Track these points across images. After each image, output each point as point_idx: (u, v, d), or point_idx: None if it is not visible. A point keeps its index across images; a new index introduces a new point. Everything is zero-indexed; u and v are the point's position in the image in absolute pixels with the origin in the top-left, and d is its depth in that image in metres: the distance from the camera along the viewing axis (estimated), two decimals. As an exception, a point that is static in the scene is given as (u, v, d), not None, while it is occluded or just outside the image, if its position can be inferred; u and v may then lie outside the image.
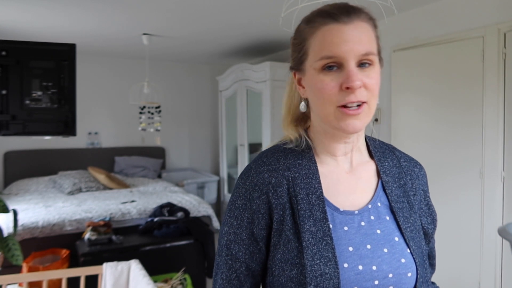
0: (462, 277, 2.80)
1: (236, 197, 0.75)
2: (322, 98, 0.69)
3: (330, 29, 0.68)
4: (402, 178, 0.80)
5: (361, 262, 0.68)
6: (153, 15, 3.32)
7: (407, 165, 0.83)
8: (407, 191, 0.79)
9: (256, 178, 0.73)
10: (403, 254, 0.72)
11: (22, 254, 2.01)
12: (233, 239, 0.74)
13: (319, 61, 0.68)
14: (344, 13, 0.68)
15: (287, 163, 0.75)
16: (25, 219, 3.09)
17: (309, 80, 0.72)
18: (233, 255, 0.74)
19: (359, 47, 0.67)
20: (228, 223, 0.75)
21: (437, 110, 2.96)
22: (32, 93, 1.83)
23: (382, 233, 0.73)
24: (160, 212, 3.36)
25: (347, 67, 0.67)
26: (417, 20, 3.07)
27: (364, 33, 0.69)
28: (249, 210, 0.73)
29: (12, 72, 1.80)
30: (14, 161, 4.63)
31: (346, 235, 0.70)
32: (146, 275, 1.90)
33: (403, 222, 0.75)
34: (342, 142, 0.76)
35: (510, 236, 1.84)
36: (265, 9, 3.12)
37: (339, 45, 0.67)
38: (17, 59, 1.81)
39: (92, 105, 5.05)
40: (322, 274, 0.65)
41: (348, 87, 0.66)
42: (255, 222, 0.72)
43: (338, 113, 0.69)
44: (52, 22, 3.44)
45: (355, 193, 0.76)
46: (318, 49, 0.69)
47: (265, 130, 4.22)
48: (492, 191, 2.63)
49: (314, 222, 0.70)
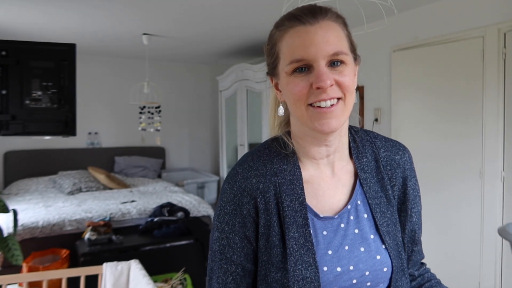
0: (462, 277, 2.80)
1: (224, 202, 0.75)
2: (294, 99, 0.70)
3: (296, 31, 0.68)
4: (380, 172, 0.81)
5: (339, 264, 0.72)
6: (153, 15, 3.31)
7: (387, 154, 0.82)
8: (385, 185, 0.80)
9: (244, 183, 0.73)
10: (378, 251, 0.75)
11: (22, 254, 2.00)
12: (226, 243, 0.74)
13: (289, 65, 0.69)
14: (309, 15, 0.68)
15: (274, 168, 0.75)
16: (25, 219, 3.09)
17: (283, 83, 0.73)
18: (228, 259, 0.75)
19: (327, 47, 0.67)
20: (219, 228, 0.75)
21: (437, 109, 2.96)
22: (32, 93, 1.83)
23: (359, 232, 0.75)
24: (160, 212, 3.36)
25: (316, 67, 0.67)
26: (417, 20, 3.07)
27: (331, 32, 0.68)
28: (239, 215, 0.73)
29: (12, 72, 1.80)
30: (14, 161, 4.63)
31: (325, 239, 0.73)
32: (146, 275, 1.89)
33: (379, 218, 0.77)
34: (323, 146, 0.76)
35: (510, 236, 1.84)
36: (265, 9, 3.12)
37: (306, 48, 0.67)
38: (17, 59, 1.80)
39: (92, 105, 5.05)
40: (303, 278, 0.69)
41: (318, 87, 0.67)
42: (247, 225, 0.74)
43: (310, 112, 0.69)
44: (52, 22, 3.44)
45: (334, 196, 0.77)
46: (287, 52, 0.69)
47: (265, 130, 4.22)
48: (492, 191, 2.63)
49: (297, 228, 0.72)
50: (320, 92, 0.67)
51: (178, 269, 2.85)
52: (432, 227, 2.94)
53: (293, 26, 0.69)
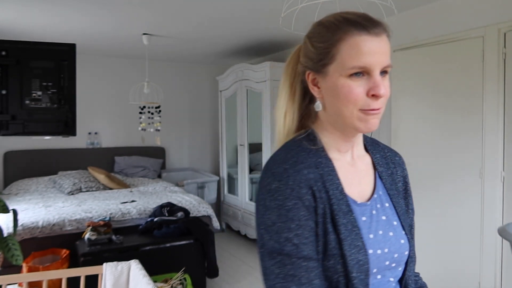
0: (462, 277, 2.80)
1: (281, 200, 0.73)
2: (347, 102, 0.75)
3: (363, 40, 0.73)
4: (389, 168, 0.91)
5: (378, 247, 0.78)
6: (153, 15, 3.32)
7: (390, 155, 0.94)
8: (394, 179, 0.91)
9: (298, 176, 0.74)
10: (401, 235, 0.83)
11: (22, 254, 2.00)
12: (299, 242, 0.72)
13: (351, 69, 0.73)
14: (374, 26, 0.74)
15: (314, 161, 0.78)
16: (25, 219, 3.09)
17: (332, 83, 0.76)
18: (305, 257, 0.72)
19: (384, 59, 0.75)
20: (285, 228, 0.72)
21: (437, 109, 2.96)
22: (32, 93, 1.83)
23: (386, 219, 0.83)
24: (160, 212, 3.36)
25: (374, 76, 0.74)
26: (417, 20, 3.07)
27: (387, 46, 0.76)
28: (302, 208, 0.73)
29: (12, 72, 1.80)
30: (14, 161, 4.63)
31: (365, 224, 0.79)
32: (146, 275, 1.89)
33: (397, 206, 0.86)
34: (350, 140, 0.83)
35: (510, 236, 1.84)
36: (265, 9, 3.12)
37: (371, 56, 0.73)
38: (17, 59, 1.80)
39: (92, 105, 5.05)
40: (357, 261, 0.73)
41: (374, 94, 0.74)
42: (312, 216, 0.74)
43: (361, 115, 0.75)
44: (52, 22, 3.44)
45: (360, 185, 0.84)
46: (350, 57, 0.73)
47: (265, 130, 4.22)
48: (492, 191, 2.63)
49: (343, 215, 0.76)
50: (374, 99, 0.74)
51: (178, 269, 2.85)
52: (432, 226, 2.94)
53: (360, 33, 0.73)
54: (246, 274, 3.66)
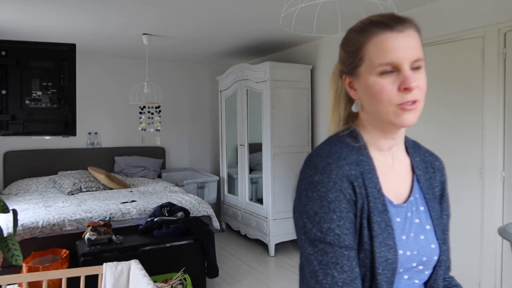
0: (462, 277, 2.79)
1: (324, 192, 0.76)
2: (381, 99, 0.77)
3: (388, 37, 0.76)
4: (428, 172, 0.92)
5: (408, 248, 0.80)
6: (153, 15, 3.32)
7: (430, 159, 0.95)
8: (432, 183, 0.92)
9: (341, 170, 0.77)
10: (433, 240, 0.85)
11: (21, 254, 2.01)
12: (340, 232, 0.75)
13: (379, 67, 0.76)
14: (398, 23, 0.77)
15: (355, 158, 0.81)
16: (25, 219, 3.09)
17: (365, 83, 0.79)
18: (347, 246, 0.75)
19: (412, 53, 0.77)
20: (327, 219, 0.75)
21: (437, 109, 2.96)
22: (32, 93, 1.83)
23: (419, 222, 0.85)
24: (160, 212, 3.36)
25: (403, 71, 0.76)
26: (417, 20, 3.07)
27: (414, 40, 0.78)
28: (344, 200, 0.76)
29: (12, 72, 1.80)
30: (14, 161, 4.63)
31: (399, 226, 0.81)
32: (146, 275, 1.89)
33: (432, 211, 0.87)
34: (390, 138, 0.85)
35: (510, 236, 1.84)
36: (265, 9, 3.12)
37: (396, 52, 0.75)
38: (17, 59, 1.81)
39: (92, 105, 5.05)
40: (386, 259, 0.76)
41: (406, 88, 0.75)
42: (352, 208, 0.77)
43: (397, 110, 0.77)
44: (52, 22, 3.44)
45: (398, 186, 0.86)
46: (376, 55, 0.77)
47: (265, 130, 4.22)
48: (492, 191, 2.63)
49: (378, 213, 0.78)
50: (406, 92, 0.76)
51: (178, 269, 2.86)
52: (432, 227, 2.94)
53: (383, 32, 0.76)
54: (246, 274, 3.66)
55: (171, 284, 2.67)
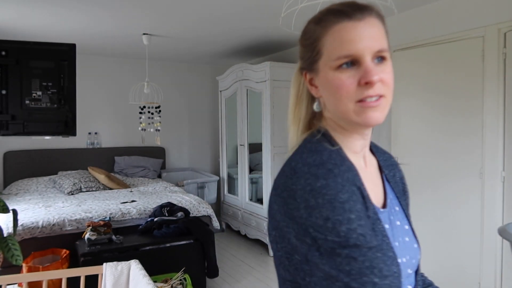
0: (462, 277, 2.80)
1: (333, 195, 0.63)
2: (340, 95, 0.69)
3: (344, 27, 0.68)
4: (391, 170, 0.86)
5: (400, 255, 0.71)
6: (153, 15, 3.32)
7: (389, 157, 0.89)
8: (397, 181, 0.86)
9: (345, 175, 0.67)
10: (413, 240, 0.78)
11: (21, 254, 2.01)
12: (364, 232, 0.62)
13: (336, 60, 0.68)
14: (356, 10, 0.68)
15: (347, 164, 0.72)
16: (25, 219, 3.09)
17: (324, 79, 0.71)
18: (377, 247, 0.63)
19: (374, 43, 0.68)
20: (344, 220, 0.61)
21: (437, 109, 2.95)
22: (32, 93, 1.83)
23: (400, 224, 0.78)
24: (160, 212, 3.36)
25: (364, 63, 0.67)
26: (417, 20, 3.07)
27: (376, 29, 0.69)
28: (358, 200, 0.65)
29: (12, 72, 1.80)
30: (14, 161, 4.63)
31: (389, 232, 0.71)
32: (146, 275, 1.89)
33: (405, 210, 0.82)
34: (361, 139, 0.76)
35: (510, 236, 1.84)
36: (265, 9, 3.12)
37: (355, 43, 0.67)
38: (17, 59, 1.81)
39: (92, 105, 5.05)
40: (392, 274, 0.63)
41: (367, 82, 0.67)
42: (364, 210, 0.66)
43: (357, 108, 0.69)
44: (52, 22, 3.44)
45: (375, 189, 0.77)
46: (334, 47, 0.69)
47: (265, 130, 4.22)
48: (492, 191, 2.63)
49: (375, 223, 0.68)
50: (368, 87, 0.67)
51: (178, 269, 2.86)
52: (432, 226, 2.94)
53: (340, 21, 0.68)
54: (246, 274, 3.66)
55: (171, 284, 2.67)
